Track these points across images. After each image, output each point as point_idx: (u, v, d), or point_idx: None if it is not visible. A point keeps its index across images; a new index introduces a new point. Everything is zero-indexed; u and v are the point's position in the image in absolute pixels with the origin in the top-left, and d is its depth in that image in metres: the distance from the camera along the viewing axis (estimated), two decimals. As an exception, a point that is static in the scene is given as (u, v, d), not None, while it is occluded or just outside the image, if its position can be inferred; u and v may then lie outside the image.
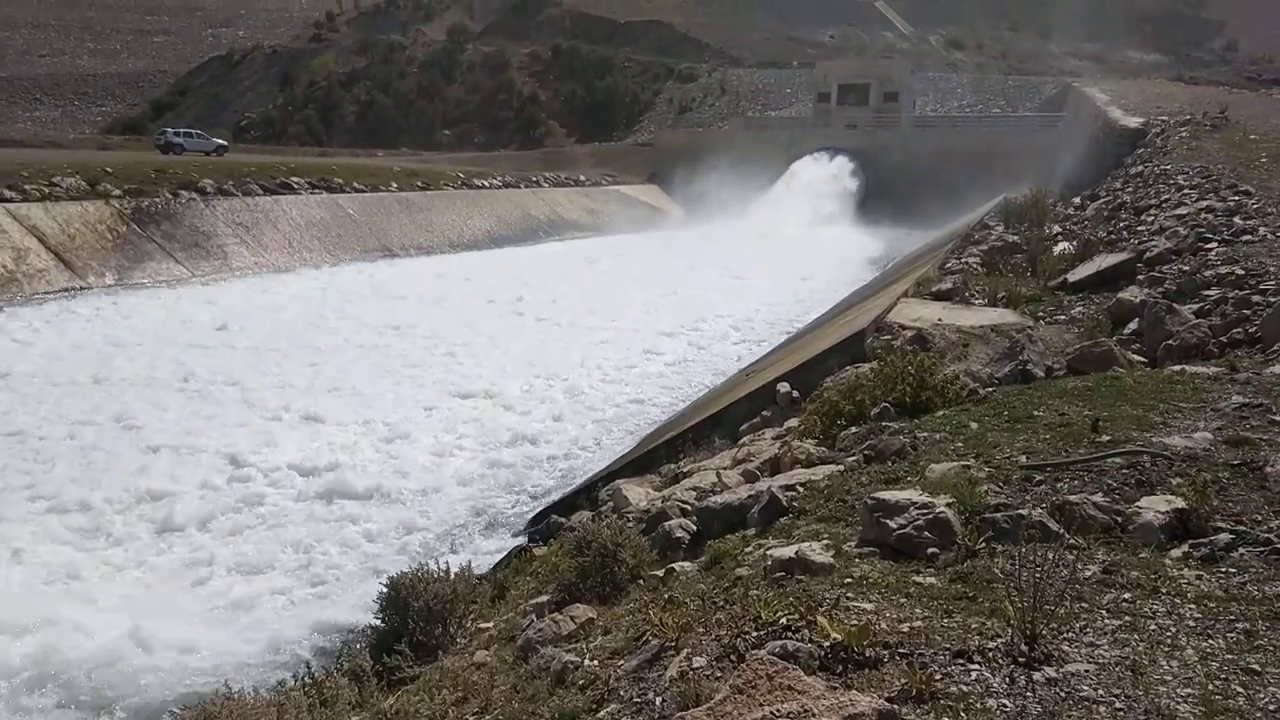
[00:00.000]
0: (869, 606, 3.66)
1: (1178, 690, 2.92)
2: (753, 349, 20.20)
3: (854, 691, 2.92)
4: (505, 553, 9.00)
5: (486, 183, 50.18)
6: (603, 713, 3.57)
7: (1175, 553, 3.95)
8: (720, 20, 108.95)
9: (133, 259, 28.26)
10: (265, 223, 34.17)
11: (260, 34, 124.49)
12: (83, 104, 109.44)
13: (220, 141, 52.46)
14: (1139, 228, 14.14)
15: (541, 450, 13.59)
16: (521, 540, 9.56)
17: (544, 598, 5.82)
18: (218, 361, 18.48)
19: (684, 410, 14.21)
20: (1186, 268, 10.51)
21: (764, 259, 35.80)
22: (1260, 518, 4.15)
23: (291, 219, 35.44)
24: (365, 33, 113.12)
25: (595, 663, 4.17)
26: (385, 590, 6.32)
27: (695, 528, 5.99)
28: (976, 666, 3.12)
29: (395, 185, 43.31)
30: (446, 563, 6.63)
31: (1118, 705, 2.85)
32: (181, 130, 51.93)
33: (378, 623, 6.34)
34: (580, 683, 4.02)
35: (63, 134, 79.31)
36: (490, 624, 6.10)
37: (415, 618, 6.02)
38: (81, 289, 25.65)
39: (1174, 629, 3.31)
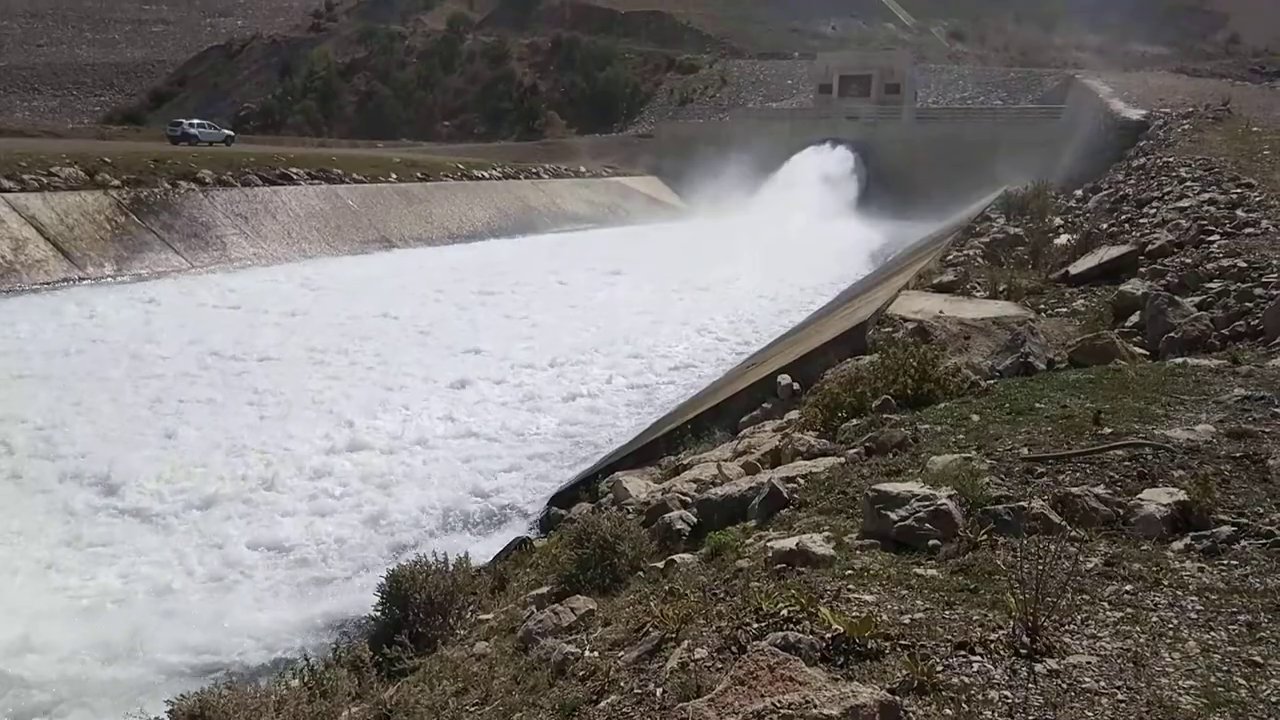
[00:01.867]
0: (870, 598, 3.65)
1: (1180, 682, 2.92)
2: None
3: (855, 683, 2.91)
4: (505, 544, 8.99)
5: (486, 174, 50.06)
6: (603, 704, 3.57)
7: (1177, 545, 3.94)
8: (721, 11, 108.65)
9: (131, 249, 28.20)
10: (264, 213, 34.10)
11: (259, 23, 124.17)
12: (81, 94, 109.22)
13: (229, 132, 54.32)
14: (1141, 220, 14.11)
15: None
16: (521, 531, 9.55)
17: (544, 589, 5.81)
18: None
19: (684, 402, 14.18)
20: (1189, 260, 10.50)
21: (759, 253, 35.54)
22: (1262, 510, 4.14)
23: (290, 210, 35.36)
24: (364, 22, 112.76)
25: (595, 654, 4.16)
26: (385, 582, 6.32)
27: (695, 520, 5.99)
28: (978, 658, 3.11)
29: (395, 176, 43.20)
30: (446, 554, 6.63)
31: (1119, 697, 2.85)
32: (195, 121, 52.88)
33: (378, 614, 6.34)
34: (580, 674, 4.01)
35: (61, 124, 79.19)
36: (490, 615, 6.09)
37: (416, 609, 6.02)
38: (80, 279, 25.61)
39: (1176, 621, 3.31)
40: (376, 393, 15.56)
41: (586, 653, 4.22)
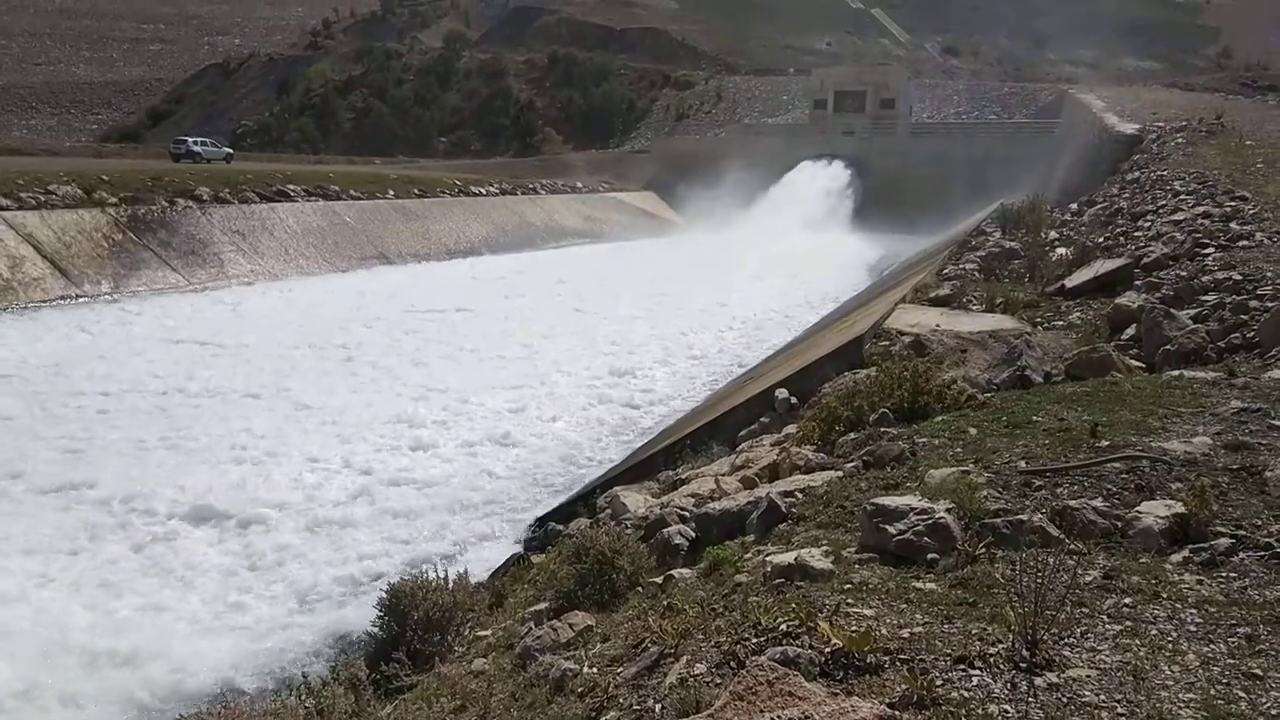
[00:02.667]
0: (869, 612, 3.64)
1: (1179, 695, 2.91)
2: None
3: (855, 698, 2.91)
4: (504, 560, 8.97)
5: (483, 190, 50.21)
6: (602, 720, 3.55)
7: (1175, 558, 3.94)
8: (717, 28, 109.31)
9: (129, 267, 28.21)
10: (261, 230, 34.15)
11: (257, 42, 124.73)
12: (79, 112, 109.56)
13: (228, 149, 55.81)
14: (1136, 233, 14.16)
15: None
16: (519, 547, 9.53)
17: (542, 605, 5.80)
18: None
19: (682, 417, 14.18)
20: (1184, 273, 10.53)
21: (753, 269, 35.59)
22: (1260, 522, 4.14)
23: (288, 226, 35.43)
24: (362, 40, 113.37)
25: (594, 670, 4.15)
26: (384, 598, 6.29)
27: (694, 534, 5.98)
28: (978, 672, 3.10)
29: (392, 193, 43.32)
30: (445, 571, 6.61)
31: (1119, 711, 2.84)
32: (199, 139, 54.15)
33: (376, 631, 6.31)
34: (579, 690, 4.00)
35: (58, 142, 79.38)
36: (488, 632, 6.07)
37: (414, 626, 5.99)
38: (78, 297, 25.61)
39: (1175, 634, 3.30)
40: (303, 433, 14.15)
41: (585, 669, 4.20)
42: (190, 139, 54.17)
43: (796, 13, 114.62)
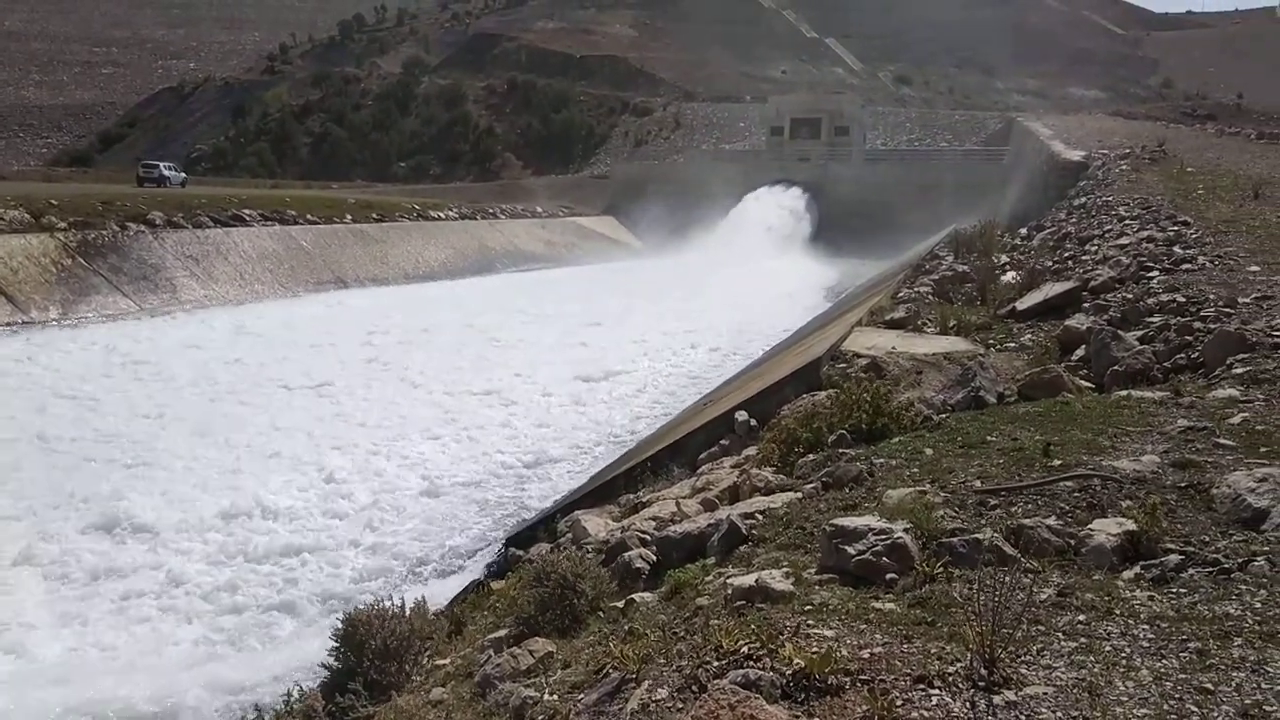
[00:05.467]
0: (830, 633, 3.65)
1: (1134, 710, 2.95)
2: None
3: (817, 719, 2.91)
4: (463, 587, 8.86)
5: (442, 214, 50.01)
6: (563, 748, 3.51)
7: (1127, 574, 4.00)
8: (675, 55, 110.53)
9: (78, 292, 27.64)
10: (215, 255, 33.69)
11: (212, 65, 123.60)
12: (28, 136, 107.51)
13: (183, 174, 55.86)
14: (1084, 257, 14.49)
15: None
16: (479, 574, 9.42)
17: (502, 632, 5.72)
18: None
19: (643, 440, 14.17)
20: (1130, 296, 10.76)
21: (708, 292, 35.80)
22: (1208, 539, 4.22)
23: (243, 251, 34.99)
24: (320, 65, 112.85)
25: (555, 697, 4.10)
26: (341, 628, 6.16)
27: (655, 558, 5.95)
28: (937, 691, 3.12)
29: (350, 217, 42.99)
30: (403, 599, 6.50)
31: (1076, 727, 2.87)
32: (169, 164, 55.13)
33: (332, 661, 6.18)
34: (540, 718, 3.95)
35: (6, 166, 77.74)
36: (447, 660, 5.97)
37: (370, 656, 5.87)
38: (24, 323, 25.00)
39: (1128, 650, 3.34)
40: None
41: (545, 696, 4.15)
42: (162, 164, 54.15)
43: (752, 41, 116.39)
